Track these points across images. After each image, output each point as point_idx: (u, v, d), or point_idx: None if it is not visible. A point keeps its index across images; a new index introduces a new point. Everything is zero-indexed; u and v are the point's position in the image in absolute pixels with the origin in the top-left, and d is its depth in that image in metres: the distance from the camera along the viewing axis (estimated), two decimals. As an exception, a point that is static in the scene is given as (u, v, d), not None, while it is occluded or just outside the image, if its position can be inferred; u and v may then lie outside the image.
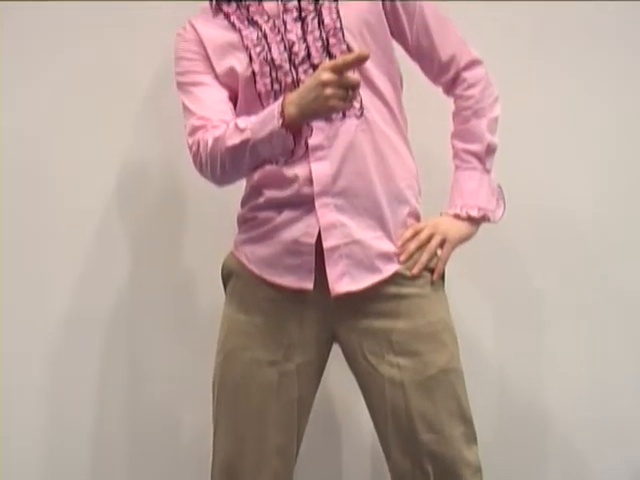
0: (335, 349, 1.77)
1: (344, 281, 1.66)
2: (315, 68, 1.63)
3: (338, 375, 1.94)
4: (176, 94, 1.77)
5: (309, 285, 1.67)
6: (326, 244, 1.65)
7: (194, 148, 1.69)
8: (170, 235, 2.30)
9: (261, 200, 1.72)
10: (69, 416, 2.29)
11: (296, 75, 1.67)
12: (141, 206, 2.29)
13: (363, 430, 2.21)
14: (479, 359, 2.23)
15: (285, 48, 1.67)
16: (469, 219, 1.76)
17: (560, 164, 2.24)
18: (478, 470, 1.70)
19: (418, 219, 1.78)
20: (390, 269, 1.69)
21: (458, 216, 1.76)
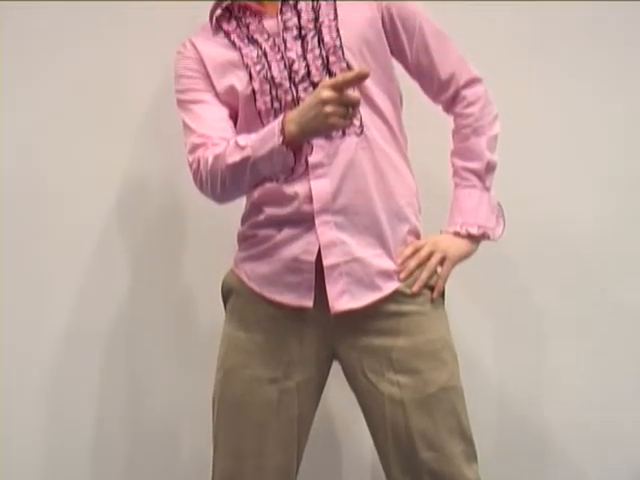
0: (335, 366, 1.77)
1: (344, 299, 1.66)
2: (315, 86, 1.63)
3: (338, 393, 1.93)
4: (176, 111, 1.77)
5: (309, 303, 1.67)
6: (326, 262, 1.65)
7: (194, 165, 1.69)
8: (170, 252, 2.30)
9: (261, 217, 1.72)
10: (69, 432, 2.29)
11: (296, 93, 1.67)
12: (141, 222, 2.30)
13: (363, 448, 2.20)
14: (479, 376, 2.23)
15: (285, 66, 1.68)
16: (469, 237, 1.76)
17: (559, 181, 2.25)
18: (478, 488, 1.70)
19: (418, 237, 1.78)
20: (390, 287, 1.69)
21: (458, 234, 1.76)
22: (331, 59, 1.67)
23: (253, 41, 1.71)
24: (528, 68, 2.23)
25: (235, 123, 1.74)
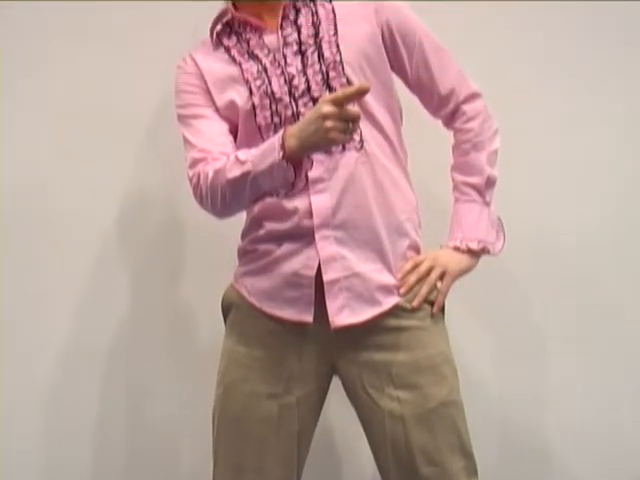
0: (335, 381, 1.77)
1: (344, 314, 1.66)
2: (315, 101, 1.64)
3: (338, 407, 1.93)
4: (176, 126, 1.78)
5: (309, 318, 1.67)
6: (326, 277, 1.65)
7: (194, 180, 1.69)
8: (170, 266, 2.30)
9: (261, 232, 1.72)
10: (69, 449, 2.28)
11: (296, 108, 1.67)
12: (141, 237, 2.30)
13: (363, 463, 2.20)
14: (479, 391, 2.22)
15: (285, 81, 1.68)
16: (469, 252, 1.76)
17: (559, 196, 2.25)
18: (479, 503, 1.69)
19: (418, 251, 1.78)
20: (390, 302, 1.69)
21: (458, 249, 1.76)
22: (331, 74, 1.67)
23: (253, 56, 1.71)
24: (528, 80, 2.24)
25: (235, 138, 1.75)
